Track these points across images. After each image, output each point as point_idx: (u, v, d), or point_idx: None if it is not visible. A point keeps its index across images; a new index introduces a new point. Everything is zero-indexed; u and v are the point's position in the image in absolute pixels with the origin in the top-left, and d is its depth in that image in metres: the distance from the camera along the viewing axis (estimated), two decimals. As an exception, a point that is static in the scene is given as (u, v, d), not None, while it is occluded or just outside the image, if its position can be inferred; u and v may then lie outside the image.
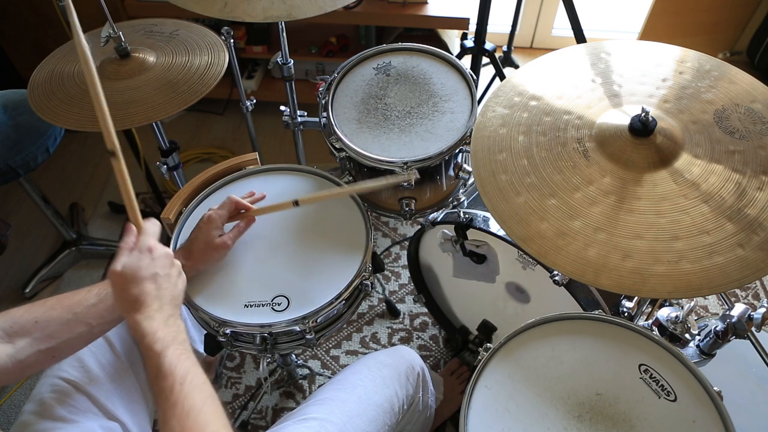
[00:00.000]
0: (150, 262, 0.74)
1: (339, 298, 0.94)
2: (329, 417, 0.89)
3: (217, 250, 0.93)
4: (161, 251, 0.76)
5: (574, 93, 0.89)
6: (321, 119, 1.14)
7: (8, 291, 1.76)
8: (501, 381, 0.81)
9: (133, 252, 0.74)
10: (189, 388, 0.65)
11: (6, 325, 0.74)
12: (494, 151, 0.86)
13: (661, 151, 0.79)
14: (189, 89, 1.13)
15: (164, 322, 0.70)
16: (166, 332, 0.69)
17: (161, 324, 0.70)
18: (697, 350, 0.94)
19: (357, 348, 1.59)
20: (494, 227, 1.07)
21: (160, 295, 0.72)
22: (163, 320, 0.71)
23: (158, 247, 0.76)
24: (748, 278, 0.69)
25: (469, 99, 1.12)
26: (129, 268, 0.72)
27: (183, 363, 0.67)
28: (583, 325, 0.86)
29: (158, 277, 0.73)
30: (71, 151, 2.17)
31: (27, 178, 1.54)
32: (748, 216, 0.73)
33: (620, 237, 0.74)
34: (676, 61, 0.90)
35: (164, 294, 0.73)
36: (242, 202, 0.98)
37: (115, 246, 1.84)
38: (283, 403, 1.49)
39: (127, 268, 0.72)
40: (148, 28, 1.27)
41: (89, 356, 0.91)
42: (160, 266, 0.75)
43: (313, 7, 1.11)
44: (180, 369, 0.66)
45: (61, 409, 0.85)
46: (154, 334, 0.68)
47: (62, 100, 1.12)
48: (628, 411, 0.77)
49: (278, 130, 2.23)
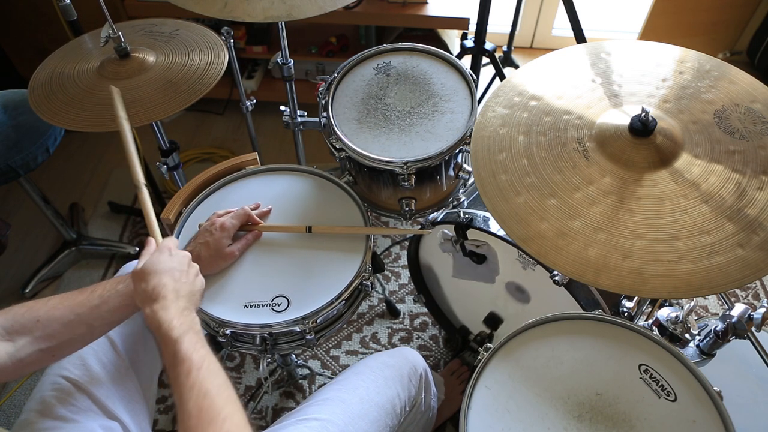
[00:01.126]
0: (168, 259, 0.78)
1: (339, 298, 0.94)
2: (331, 417, 0.88)
3: (225, 259, 0.96)
4: (180, 252, 0.82)
5: (574, 93, 0.89)
6: (321, 119, 1.14)
7: (8, 291, 1.76)
8: (501, 381, 0.81)
9: (154, 252, 0.80)
10: (205, 373, 0.67)
11: (7, 323, 0.75)
12: (494, 151, 0.86)
13: (661, 151, 0.79)
14: (189, 89, 1.13)
15: (180, 313, 0.73)
16: (182, 321, 0.72)
17: (177, 313, 0.73)
18: (697, 350, 0.94)
19: (357, 348, 1.59)
20: (494, 227, 1.07)
21: (177, 288, 0.76)
22: (179, 311, 0.73)
23: (178, 250, 0.82)
24: (748, 278, 0.69)
25: (469, 99, 1.12)
26: (149, 263, 0.77)
27: (199, 350, 0.69)
28: (583, 325, 0.86)
29: (175, 271, 0.78)
30: (71, 151, 2.17)
31: (27, 178, 1.54)
32: (748, 216, 0.73)
33: (620, 237, 0.74)
34: (676, 61, 0.90)
35: (181, 287, 0.76)
36: (254, 216, 1.01)
37: (115, 246, 1.85)
38: (283, 403, 1.49)
39: (147, 264, 0.77)
40: (148, 28, 1.27)
41: (91, 355, 0.91)
42: (177, 263, 0.79)
43: (313, 7, 1.11)
44: (196, 355, 0.68)
45: (62, 408, 0.85)
46: (170, 322, 0.71)
47: (62, 100, 1.12)
48: (628, 411, 0.77)
49: (278, 130, 2.23)
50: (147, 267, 0.77)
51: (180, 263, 0.80)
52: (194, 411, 0.64)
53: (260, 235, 1.02)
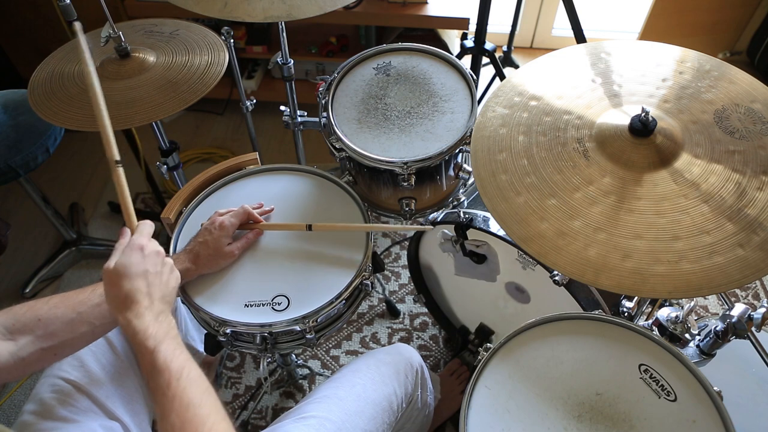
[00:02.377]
0: (141, 259, 0.74)
1: (339, 297, 0.94)
2: (328, 415, 0.89)
3: (224, 258, 0.96)
4: (152, 249, 0.76)
5: (574, 93, 0.89)
6: (321, 119, 1.14)
7: (8, 291, 1.76)
8: (501, 381, 0.81)
9: (125, 250, 0.75)
10: (186, 383, 0.65)
11: (8, 322, 0.75)
12: (494, 151, 0.86)
13: (661, 151, 0.79)
14: (189, 89, 1.13)
15: (155, 319, 0.70)
16: (158, 328, 0.69)
17: (152, 320, 0.69)
18: (697, 350, 0.94)
19: (357, 348, 1.59)
20: (494, 227, 1.07)
21: (151, 293, 0.72)
22: (154, 317, 0.70)
23: (149, 245, 0.77)
24: (748, 278, 0.69)
25: (469, 99, 1.12)
26: (120, 265, 0.73)
27: (177, 358, 0.67)
28: (583, 325, 0.86)
29: (149, 274, 0.73)
30: (71, 151, 2.17)
31: (27, 178, 1.54)
32: (748, 216, 0.73)
33: (620, 237, 0.74)
34: (676, 61, 0.90)
35: (154, 291, 0.73)
36: (255, 214, 1.00)
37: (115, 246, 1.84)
38: (283, 403, 1.49)
39: (119, 265, 0.73)
40: (148, 28, 1.27)
41: (90, 356, 0.91)
42: (150, 264, 0.75)
43: (313, 7, 1.11)
44: (175, 364, 0.66)
45: (61, 409, 0.85)
46: (146, 331, 0.68)
47: (62, 100, 1.12)
48: (628, 411, 0.77)
49: (278, 130, 2.23)
50: (119, 268, 0.72)
51: (153, 263, 0.75)
52: (177, 423, 0.62)
53: (261, 233, 1.02)
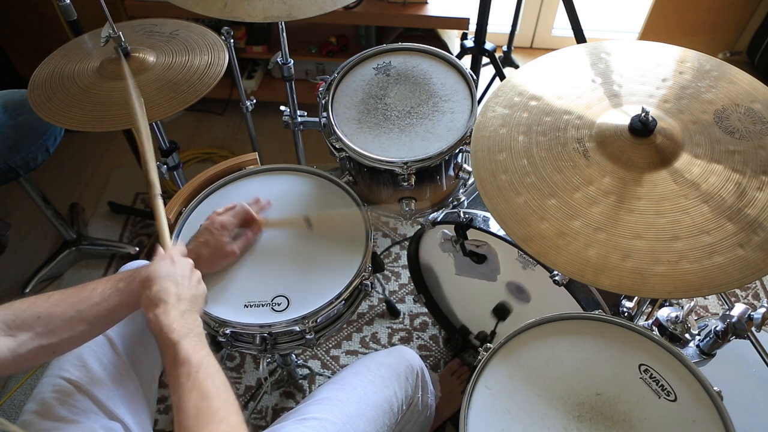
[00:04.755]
0: (171, 266, 0.81)
1: (339, 298, 0.94)
2: (329, 417, 0.89)
3: (226, 257, 0.97)
4: (183, 260, 0.84)
5: (574, 93, 0.89)
6: (321, 119, 1.14)
7: (8, 291, 1.76)
8: (501, 381, 0.81)
9: (157, 260, 0.82)
10: (204, 376, 0.68)
11: (8, 318, 0.75)
12: (494, 151, 0.86)
13: (661, 151, 0.79)
14: (189, 89, 1.13)
15: (180, 316, 0.74)
16: (182, 324, 0.73)
17: (177, 317, 0.74)
18: (697, 350, 0.94)
19: (357, 348, 1.59)
20: (494, 227, 1.07)
21: (179, 292, 0.77)
22: (180, 314, 0.75)
23: (180, 258, 0.84)
24: (748, 278, 0.69)
25: (469, 99, 1.12)
26: (152, 271, 0.79)
27: (198, 352, 0.71)
28: (583, 325, 0.86)
29: (177, 276, 0.80)
30: (71, 151, 2.16)
31: (27, 178, 1.54)
32: (748, 216, 0.73)
33: (620, 237, 0.74)
34: (676, 61, 0.90)
35: (183, 292, 0.78)
36: (253, 212, 1.01)
37: (115, 246, 1.85)
38: (283, 403, 1.49)
39: (151, 272, 0.79)
40: (148, 28, 1.27)
41: (91, 356, 0.91)
42: (180, 269, 0.81)
43: (313, 7, 1.11)
44: (195, 357, 0.70)
45: (62, 409, 0.85)
46: (170, 326, 0.72)
47: (62, 100, 1.12)
48: (628, 411, 0.77)
49: (278, 130, 2.23)
50: (151, 274, 0.79)
51: (182, 269, 0.81)
52: (192, 412, 0.65)
53: (260, 231, 1.02)
